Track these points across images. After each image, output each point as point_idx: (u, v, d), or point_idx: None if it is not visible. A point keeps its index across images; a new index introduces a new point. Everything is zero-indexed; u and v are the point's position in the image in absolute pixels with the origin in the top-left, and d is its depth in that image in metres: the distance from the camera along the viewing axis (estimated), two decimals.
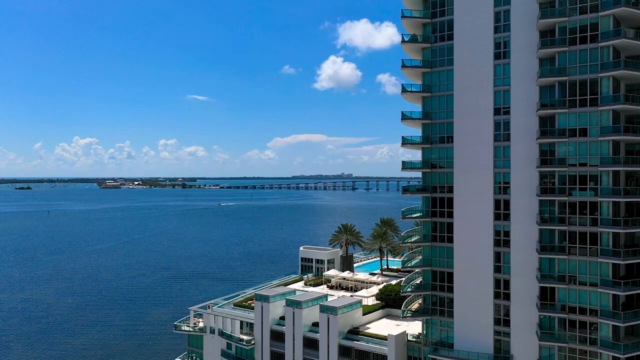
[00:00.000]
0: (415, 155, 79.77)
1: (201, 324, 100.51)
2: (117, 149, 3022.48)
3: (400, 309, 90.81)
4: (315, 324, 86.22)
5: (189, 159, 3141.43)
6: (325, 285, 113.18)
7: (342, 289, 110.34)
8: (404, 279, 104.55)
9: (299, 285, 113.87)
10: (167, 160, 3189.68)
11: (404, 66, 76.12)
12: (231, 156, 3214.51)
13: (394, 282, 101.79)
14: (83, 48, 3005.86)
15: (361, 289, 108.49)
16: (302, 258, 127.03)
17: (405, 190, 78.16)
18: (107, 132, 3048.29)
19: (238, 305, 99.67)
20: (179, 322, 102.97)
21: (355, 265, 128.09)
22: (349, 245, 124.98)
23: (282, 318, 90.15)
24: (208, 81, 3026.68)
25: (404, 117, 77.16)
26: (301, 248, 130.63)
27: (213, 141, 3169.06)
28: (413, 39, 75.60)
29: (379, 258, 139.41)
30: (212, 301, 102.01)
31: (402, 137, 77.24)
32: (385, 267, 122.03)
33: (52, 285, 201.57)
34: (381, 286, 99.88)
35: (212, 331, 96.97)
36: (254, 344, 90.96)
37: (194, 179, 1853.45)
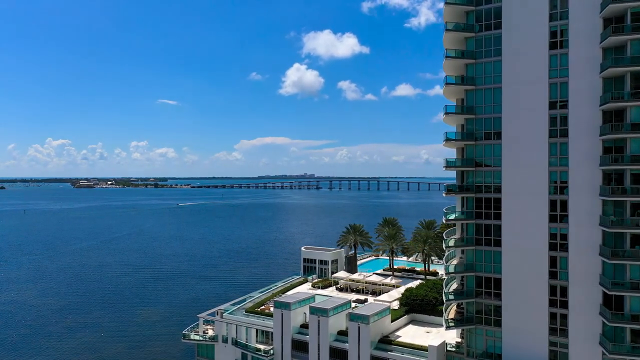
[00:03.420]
0: (371, 158, 69.46)
1: (211, 332, 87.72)
2: (90, 150, 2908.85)
3: (426, 314, 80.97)
4: (341, 333, 75.00)
5: (160, 160, 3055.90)
6: (334, 287, 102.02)
7: (351, 291, 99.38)
8: (422, 281, 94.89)
9: (305, 288, 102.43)
10: (139, 161, 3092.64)
11: (447, 57, 65.71)
12: (200, 157, 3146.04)
13: (413, 284, 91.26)
14: (56, 52, 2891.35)
15: (372, 290, 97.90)
16: (304, 259, 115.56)
17: (450, 190, 67.11)
18: (79, 134, 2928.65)
19: (250, 311, 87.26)
20: (187, 330, 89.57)
21: None
22: (357, 245, 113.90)
23: (303, 326, 78.56)
24: (179, 87, 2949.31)
25: (447, 112, 66.71)
26: (303, 248, 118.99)
27: (183, 143, 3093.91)
28: (457, 28, 65.20)
29: (374, 257, 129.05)
30: (222, 307, 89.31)
31: (445, 133, 66.90)
32: (388, 267, 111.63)
33: (35, 287, 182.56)
34: (402, 289, 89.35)
35: (225, 340, 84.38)
36: (273, 354, 78.90)
37: (165, 179, 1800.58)
